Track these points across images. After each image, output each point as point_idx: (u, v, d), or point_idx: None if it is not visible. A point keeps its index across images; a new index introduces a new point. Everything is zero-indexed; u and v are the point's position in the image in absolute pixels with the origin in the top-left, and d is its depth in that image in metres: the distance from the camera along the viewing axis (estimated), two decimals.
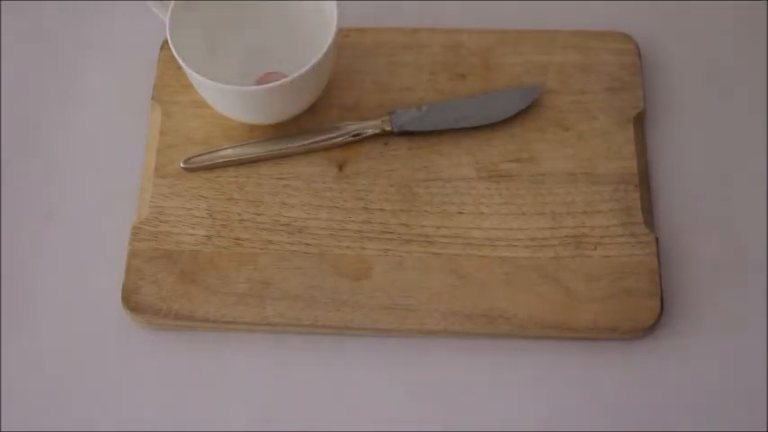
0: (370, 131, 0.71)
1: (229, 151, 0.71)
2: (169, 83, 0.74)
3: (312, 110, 0.72)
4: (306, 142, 0.71)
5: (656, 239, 0.67)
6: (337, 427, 0.64)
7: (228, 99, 0.68)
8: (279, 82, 0.65)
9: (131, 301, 0.66)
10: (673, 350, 0.66)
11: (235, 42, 0.73)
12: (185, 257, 0.68)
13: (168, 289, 0.67)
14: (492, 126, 0.71)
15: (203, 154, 0.71)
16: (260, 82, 0.71)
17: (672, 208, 0.70)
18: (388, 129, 0.71)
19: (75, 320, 0.68)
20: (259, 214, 0.69)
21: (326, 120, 0.72)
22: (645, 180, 0.70)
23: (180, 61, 0.66)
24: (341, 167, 0.71)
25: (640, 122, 0.72)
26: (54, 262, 0.70)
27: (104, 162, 0.73)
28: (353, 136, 0.71)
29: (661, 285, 0.66)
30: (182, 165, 0.70)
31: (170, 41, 0.66)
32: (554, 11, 0.78)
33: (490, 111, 0.71)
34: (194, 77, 0.66)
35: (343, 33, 0.74)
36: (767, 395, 0.64)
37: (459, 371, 0.66)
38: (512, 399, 0.65)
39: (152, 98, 0.74)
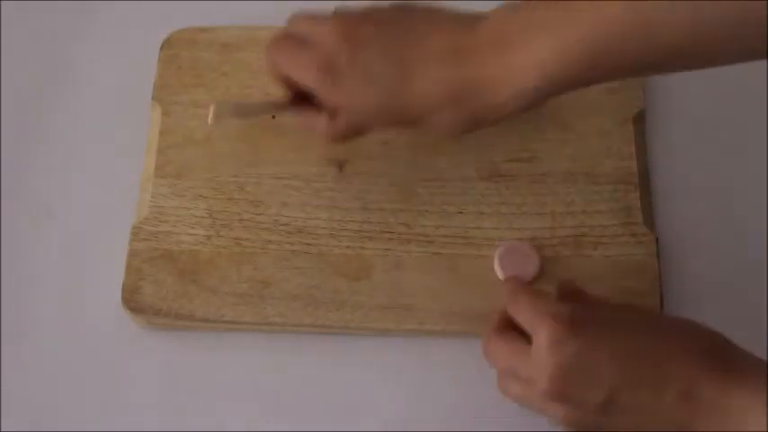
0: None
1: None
2: (169, 83, 0.74)
3: None
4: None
5: (656, 239, 0.67)
6: (337, 427, 0.64)
7: None
8: None
9: (131, 302, 0.67)
10: None
11: None
12: (185, 257, 0.68)
13: (168, 289, 0.67)
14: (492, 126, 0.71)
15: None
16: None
17: (672, 208, 0.70)
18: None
19: (75, 321, 0.68)
20: (259, 214, 0.69)
21: None
22: (644, 180, 0.70)
23: None
24: (341, 167, 0.71)
25: (640, 122, 0.72)
26: (54, 262, 0.70)
27: (104, 162, 0.73)
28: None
29: (661, 285, 0.66)
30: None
31: None
32: None
33: None
34: None
35: None
36: None
37: (458, 371, 0.65)
38: None
39: (152, 98, 0.74)
